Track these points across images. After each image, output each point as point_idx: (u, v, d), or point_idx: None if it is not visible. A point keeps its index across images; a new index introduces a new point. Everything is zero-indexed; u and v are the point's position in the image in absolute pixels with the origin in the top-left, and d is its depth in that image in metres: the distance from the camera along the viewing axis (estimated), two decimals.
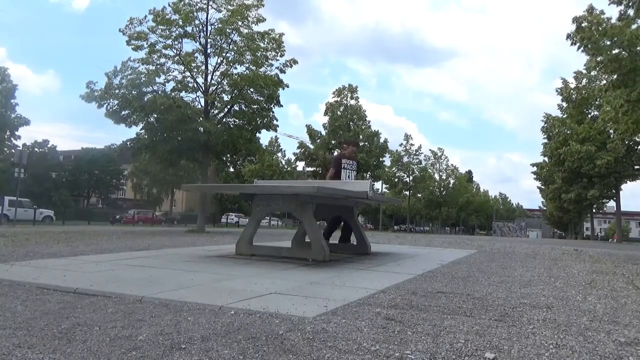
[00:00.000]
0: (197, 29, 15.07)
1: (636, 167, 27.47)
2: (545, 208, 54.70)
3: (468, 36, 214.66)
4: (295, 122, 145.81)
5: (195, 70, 15.14)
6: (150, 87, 14.89)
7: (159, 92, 15.00)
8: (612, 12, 18.31)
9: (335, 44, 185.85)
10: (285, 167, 44.71)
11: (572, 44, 15.22)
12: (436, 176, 51.30)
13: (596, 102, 26.61)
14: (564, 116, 30.13)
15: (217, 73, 15.46)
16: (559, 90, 28.83)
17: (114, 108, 14.53)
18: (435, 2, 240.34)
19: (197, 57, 15.22)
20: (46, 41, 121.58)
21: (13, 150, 26.25)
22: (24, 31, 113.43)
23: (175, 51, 14.90)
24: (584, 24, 14.59)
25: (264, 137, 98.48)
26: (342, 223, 6.58)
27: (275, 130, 16.70)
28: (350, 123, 34.15)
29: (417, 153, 46.69)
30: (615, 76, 15.15)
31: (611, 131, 24.16)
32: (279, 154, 45.59)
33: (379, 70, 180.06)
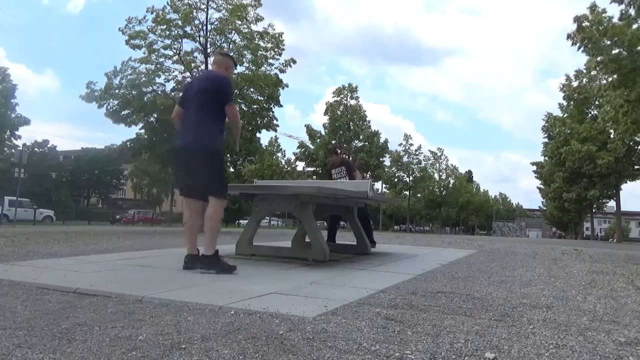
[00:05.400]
0: (197, 28, 15.07)
1: (636, 167, 27.47)
2: (545, 208, 54.70)
3: (462, 37, 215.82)
4: (292, 122, 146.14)
5: (195, 70, 15.14)
6: (150, 87, 14.89)
7: (159, 92, 15.00)
8: (613, 11, 18.27)
9: (330, 43, 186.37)
10: (285, 167, 44.71)
11: (572, 44, 15.21)
12: (436, 176, 51.30)
13: (596, 102, 26.60)
14: (565, 115, 30.11)
15: None
16: (561, 85, 28.76)
17: (114, 108, 14.54)
18: (428, 3, 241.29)
19: (196, 57, 15.23)
20: (43, 41, 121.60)
21: (13, 150, 26.25)
22: (21, 31, 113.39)
23: (174, 51, 14.90)
24: (585, 24, 14.56)
25: (264, 137, 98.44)
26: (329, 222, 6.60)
27: (275, 130, 16.74)
28: (350, 123, 34.16)
29: (417, 153, 46.71)
30: (615, 76, 15.14)
31: (611, 131, 24.16)
32: (279, 154, 45.61)
33: (374, 70, 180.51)
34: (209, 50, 15.13)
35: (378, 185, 39.90)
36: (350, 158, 26.85)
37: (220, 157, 3.53)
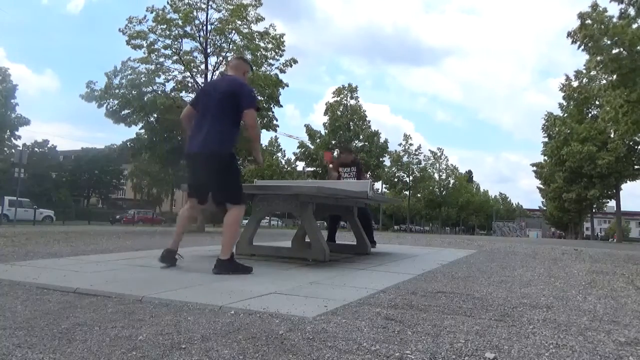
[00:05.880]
0: (197, 28, 15.06)
1: (636, 167, 27.44)
2: (545, 208, 54.71)
3: (461, 37, 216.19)
4: (292, 122, 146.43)
5: (195, 70, 15.14)
6: (150, 87, 14.89)
7: (159, 92, 14.99)
8: (613, 11, 18.27)
9: (330, 43, 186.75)
10: (285, 167, 44.73)
11: (572, 42, 15.18)
12: (436, 176, 51.30)
13: (596, 102, 26.57)
14: (565, 115, 30.08)
15: (217, 73, 15.46)
16: (561, 85, 28.68)
17: (114, 108, 14.53)
18: (428, 3, 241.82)
19: (196, 57, 15.22)
20: (43, 41, 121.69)
21: (13, 150, 26.23)
22: (21, 31, 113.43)
23: (174, 50, 14.89)
24: (588, 21, 14.52)
25: (264, 137, 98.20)
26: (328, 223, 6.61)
27: (275, 130, 16.73)
28: (351, 123, 34.14)
29: (417, 153, 46.71)
30: (615, 76, 15.11)
31: (611, 131, 24.13)
32: (279, 154, 45.62)
33: (374, 69, 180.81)
34: (209, 50, 15.12)
35: (378, 185, 39.90)
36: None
37: (235, 162, 3.50)
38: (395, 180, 46.06)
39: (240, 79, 3.62)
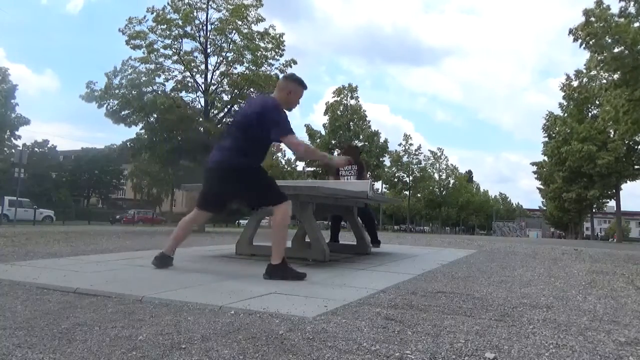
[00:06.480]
0: (197, 28, 15.07)
1: (636, 167, 27.43)
2: (545, 208, 54.73)
3: (461, 37, 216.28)
4: (292, 122, 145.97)
5: (195, 70, 15.15)
6: (150, 87, 14.89)
7: (159, 92, 14.99)
8: (616, 8, 18.25)
9: (329, 43, 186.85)
10: (285, 167, 44.75)
11: (574, 40, 15.16)
12: (436, 176, 51.32)
13: (596, 102, 26.56)
14: (565, 115, 30.09)
15: (217, 73, 15.47)
16: (562, 85, 28.66)
17: (114, 108, 14.53)
18: (427, 3, 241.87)
19: (196, 57, 15.23)
20: (43, 41, 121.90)
21: (13, 150, 26.23)
22: (21, 31, 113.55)
23: (174, 50, 14.89)
24: (592, 19, 14.50)
25: None
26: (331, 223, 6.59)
27: None
28: (351, 123, 34.16)
29: (417, 153, 46.74)
30: (616, 75, 15.10)
31: (611, 131, 24.12)
32: (279, 154, 45.61)
33: (373, 69, 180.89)
34: (209, 50, 15.13)
35: (378, 185, 39.91)
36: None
37: (254, 170, 3.38)
38: (395, 180, 46.09)
39: (268, 99, 3.47)
